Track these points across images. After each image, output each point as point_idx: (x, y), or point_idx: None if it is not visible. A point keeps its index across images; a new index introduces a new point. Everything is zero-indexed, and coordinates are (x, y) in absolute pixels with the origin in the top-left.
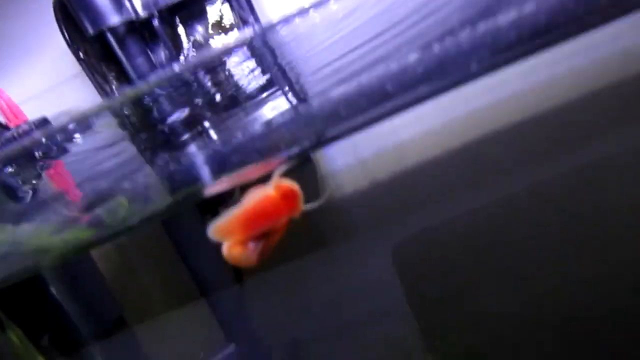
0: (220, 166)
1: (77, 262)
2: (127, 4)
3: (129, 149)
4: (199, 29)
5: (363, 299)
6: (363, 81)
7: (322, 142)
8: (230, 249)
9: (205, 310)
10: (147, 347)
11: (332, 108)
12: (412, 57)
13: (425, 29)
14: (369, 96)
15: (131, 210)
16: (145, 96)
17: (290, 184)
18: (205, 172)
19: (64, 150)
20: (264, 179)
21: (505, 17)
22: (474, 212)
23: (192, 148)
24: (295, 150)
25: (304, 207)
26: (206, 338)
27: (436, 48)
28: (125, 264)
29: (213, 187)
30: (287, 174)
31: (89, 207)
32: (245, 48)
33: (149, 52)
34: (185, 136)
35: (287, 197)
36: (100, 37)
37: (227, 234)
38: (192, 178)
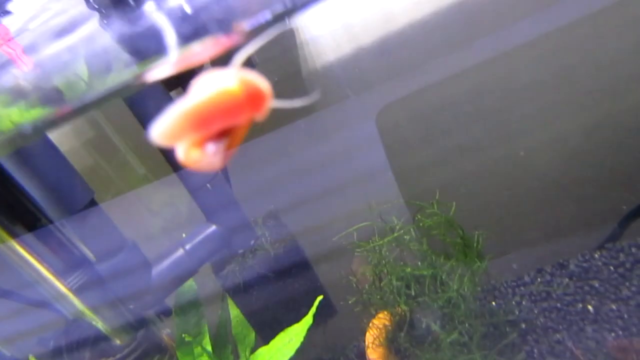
0: (186, 29)
1: (37, 148)
2: None
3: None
4: None
5: (347, 162)
6: None
7: (299, 6)
8: (187, 153)
9: (183, 191)
10: (124, 229)
11: None
12: None
13: None
14: None
15: (91, 83)
16: None
17: (258, 81)
18: (168, 36)
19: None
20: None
21: None
22: (456, 77)
23: (150, 6)
24: (267, 14)
25: (274, 104)
26: (186, 219)
27: None
28: (94, 147)
29: (159, 71)
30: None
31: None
32: None
33: None
34: None
35: (253, 96)
36: None
37: (177, 136)
38: (153, 44)
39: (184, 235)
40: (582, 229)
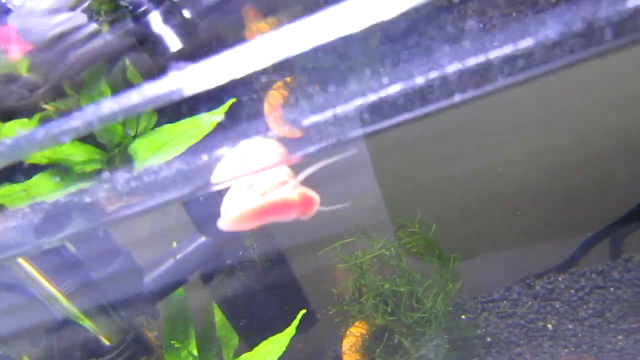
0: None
1: None
2: None
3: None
4: None
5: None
6: None
7: None
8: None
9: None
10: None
11: None
12: None
13: None
14: None
15: None
16: None
17: (313, 194)
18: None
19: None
20: None
21: None
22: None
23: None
24: None
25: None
26: (177, 229)
27: None
28: None
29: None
30: None
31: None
32: None
33: None
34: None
35: (306, 204)
36: None
37: (242, 225)
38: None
39: (174, 244)
40: (551, 252)
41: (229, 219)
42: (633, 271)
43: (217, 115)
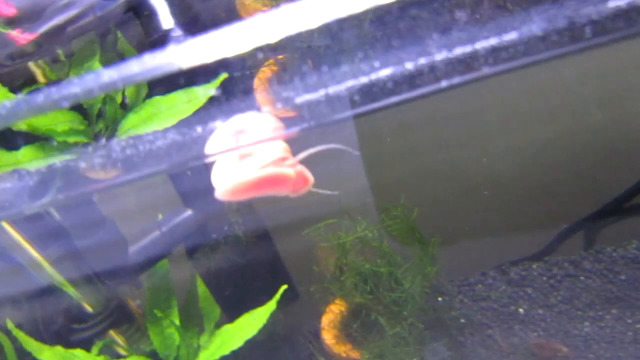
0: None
1: None
2: None
3: None
4: None
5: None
6: None
7: None
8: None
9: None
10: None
11: None
12: None
13: None
14: None
15: None
16: None
17: (308, 174)
18: None
19: None
20: None
21: None
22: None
23: None
24: None
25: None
26: (163, 202)
27: None
28: None
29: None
30: None
31: None
32: None
33: None
34: None
35: (301, 182)
36: None
37: (238, 195)
38: None
39: (160, 216)
40: (527, 241)
41: (225, 189)
42: (603, 262)
43: (209, 89)
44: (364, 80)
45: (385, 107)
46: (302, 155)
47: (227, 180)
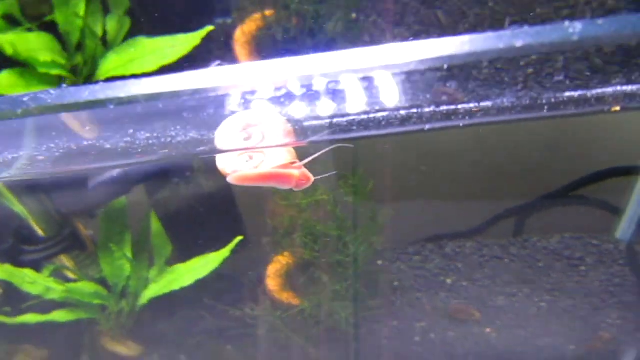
0: None
1: None
2: None
3: None
4: None
5: None
6: None
7: None
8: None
9: None
10: None
11: None
12: None
13: None
14: None
15: None
16: None
17: (310, 175)
18: None
19: None
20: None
21: None
22: None
23: None
24: None
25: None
26: None
27: None
28: None
29: None
30: None
31: None
32: None
33: None
34: None
35: (302, 181)
36: None
37: (247, 183)
38: None
39: None
40: (466, 220)
41: (237, 176)
42: (528, 250)
43: (195, 38)
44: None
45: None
46: (308, 160)
47: (239, 170)
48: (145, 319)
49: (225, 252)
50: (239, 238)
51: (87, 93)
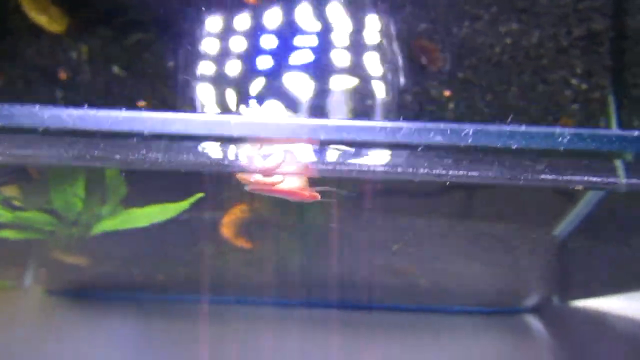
0: None
1: None
2: None
3: None
4: None
5: None
6: None
7: None
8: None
9: None
10: None
11: None
12: None
13: None
14: None
15: None
16: None
17: (317, 195)
18: None
19: None
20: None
21: None
22: None
23: None
24: None
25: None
26: None
27: None
28: None
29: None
30: None
31: None
32: None
33: None
34: None
35: (310, 198)
36: None
37: (257, 188)
38: None
39: None
40: None
41: (254, 185)
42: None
43: (183, 206)
44: None
45: None
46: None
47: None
48: (96, 243)
49: (184, 205)
50: (200, 195)
51: None
